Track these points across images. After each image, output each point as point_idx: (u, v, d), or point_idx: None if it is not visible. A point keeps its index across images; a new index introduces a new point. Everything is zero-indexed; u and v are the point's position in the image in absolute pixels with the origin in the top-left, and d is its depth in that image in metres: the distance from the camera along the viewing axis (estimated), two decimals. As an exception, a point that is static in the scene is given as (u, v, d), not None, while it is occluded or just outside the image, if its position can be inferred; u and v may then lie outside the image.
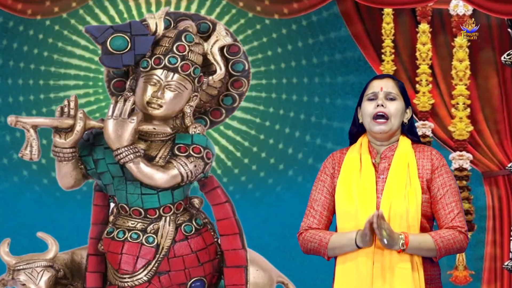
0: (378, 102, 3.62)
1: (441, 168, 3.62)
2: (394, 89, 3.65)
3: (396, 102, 3.64)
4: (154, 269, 3.77)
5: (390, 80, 3.68)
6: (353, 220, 3.56)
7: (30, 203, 6.95)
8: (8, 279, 4.00)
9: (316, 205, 3.66)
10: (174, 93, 3.75)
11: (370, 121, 3.62)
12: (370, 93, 3.65)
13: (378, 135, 3.63)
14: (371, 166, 3.62)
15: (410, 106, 3.71)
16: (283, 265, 4.64)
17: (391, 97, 3.64)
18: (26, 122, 3.65)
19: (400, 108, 3.64)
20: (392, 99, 3.64)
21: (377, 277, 3.50)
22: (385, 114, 3.60)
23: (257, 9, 6.68)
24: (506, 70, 6.78)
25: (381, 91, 3.64)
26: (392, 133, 3.65)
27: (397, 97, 3.64)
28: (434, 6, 6.77)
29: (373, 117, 3.61)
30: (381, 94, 3.63)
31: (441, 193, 3.59)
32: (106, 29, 3.77)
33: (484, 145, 6.85)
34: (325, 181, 3.69)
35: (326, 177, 3.69)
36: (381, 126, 3.61)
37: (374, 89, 3.65)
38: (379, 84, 3.66)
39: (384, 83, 3.67)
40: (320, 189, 3.68)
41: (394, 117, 3.62)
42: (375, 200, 3.56)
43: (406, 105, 3.68)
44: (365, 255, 3.52)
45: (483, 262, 6.83)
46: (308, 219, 3.65)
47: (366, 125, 3.66)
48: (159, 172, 3.67)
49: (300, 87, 7.05)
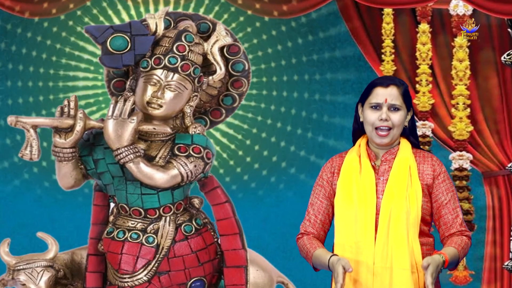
0: (382, 116, 3.58)
1: (443, 174, 3.63)
2: (398, 99, 3.60)
3: (399, 113, 3.61)
4: (154, 269, 3.77)
5: (395, 89, 3.61)
6: (353, 221, 3.56)
7: (30, 203, 6.95)
8: (8, 279, 4.00)
9: (311, 209, 3.70)
10: (174, 93, 3.75)
11: (372, 130, 3.61)
12: (374, 102, 3.60)
13: (379, 144, 3.64)
14: (370, 167, 3.62)
15: (412, 108, 3.69)
16: (283, 265, 4.64)
17: (395, 108, 3.61)
18: (26, 122, 3.65)
19: (403, 117, 3.62)
20: (395, 110, 3.61)
21: (377, 278, 3.51)
22: (388, 127, 3.60)
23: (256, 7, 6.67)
24: (506, 70, 6.78)
25: (385, 103, 3.59)
26: (393, 141, 3.65)
27: (401, 107, 3.61)
28: (434, 6, 6.77)
29: (376, 128, 3.61)
30: (385, 107, 3.59)
31: (446, 198, 3.61)
32: (106, 29, 3.76)
33: (484, 145, 6.85)
34: (322, 185, 3.70)
35: (323, 181, 3.70)
36: (383, 140, 3.60)
37: (378, 100, 3.60)
38: (384, 95, 3.60)
39: (388, 93, 3.60)
40: (316, 193, 3.71)
41: (397, 128, 3.61)
42: (375, 201, 3.56)
43: (408, 109, 3.66)
44: (365, 256, 3.52)
45: (483, 262, 6.84)
46: (305, 223, 3.71)
47: (368, 132, 3.65)
48: (159, 172, 3.67)
49: (300, 84, 7.05)
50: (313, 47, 7.04)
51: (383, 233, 3.52)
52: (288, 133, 7.07)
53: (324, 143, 6.99)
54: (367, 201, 3.56)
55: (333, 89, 7.04)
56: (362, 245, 3.53)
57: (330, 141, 6.97)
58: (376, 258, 3.51)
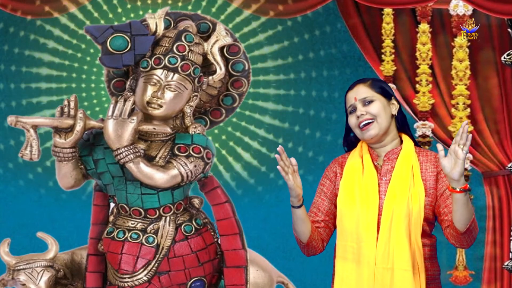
0: (357, 113, 3.65)
1: None
2: (367, 92, 3.67)
3: (374, 103, 3.66)
4: (154, 269, 3.77)
5: (361, 85, 3.70)
6: (355, 221, 3.56)
7: (30, 203, 6.95)
8: (8, 279, 4.00)
9: (313, 207, 3.75)
10: (174, 93, 3.75)
11: (359, 132, 3.67)
12: (349, 107, 3.70)
13: (371, 140, 3.65)
14: (373, 168, 3.63)
15: (394, 97, 3.71)
16: (283, 265, 4.65)
17: (368, 101, 3.66)
18: (26, 122, 3.65)
19: (381, 106, 3.66)
20: (369, 102, 3.66)
21: (378, 278, 3.50)
22: (368, 120, 3.63)
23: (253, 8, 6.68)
24: (506, 70, 6.78)
25: (356, 101, 3.66)
26: (385, 132, 3.66)
27: (374, 98, 3.66)
28: (434, 6, 6.78)
29: (359, 127, 3.64)
30: (358, 104, 3.66)
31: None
32: (106, 29, 3.76)
33: (484, 145, 6.86)
34: (324, 184, 3.75)
35: (326, 181, 3.75)
36: (370, 132, 3.64)
37: (350, 102, 3.70)
38: (352, 95, 3.69)
39: (355, 92, 3.69)
40: (318, 192, 3.76)
41: (379, 116, 3.64)
42: (377, 201, 3.57)
43: (388, 98, 3.69)
44: (367, 257, 3.52)
45: (483, 262, 6.84)
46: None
47: (359, 136, 3.71)
48: (159, 172, 3.67)
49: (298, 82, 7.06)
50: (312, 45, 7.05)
51: (385, 233, 3.52)
52: (286, 130, 7.08)
53: (322, 140, 6.99)
54: (370, 201, 3.56)
55: (331, 87, 7.05)
56: (364, 246, 3.53)
57: (328, 138, 6.97)
58: (378, 259, 3.52)
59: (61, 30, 7.03)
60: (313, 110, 7.07)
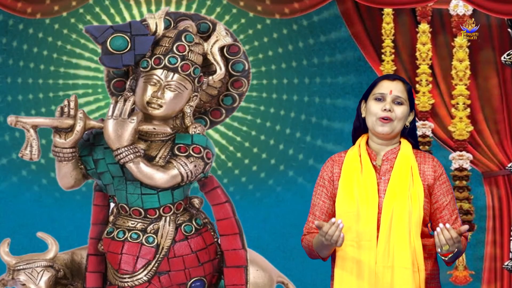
0: (386, 106, 3.61)
1: (443, 175, 3.66)
2: (403, 93, 3.64)
3: (403, 107, 3.63)
4: (154, 269, 3.77)
5: (400, 83, 3.66)
6: (354, 220, 3.56)
7: (29, 203, 6.95)
8: (8, 279, 4.00)
9: (314, 210, 3.70)
10: (174, 93, 3.75)
11: (375, 120, 3.62)
12: (378, 93, 3.64)
13: (380, 135, 3.63)
14: (371, 167, 3.63)
15: (414, 110, 3.70)
16: (283, 265, 4.65)
17: (399, 102, 3.63)
18: (26, 122, 3.65)
19: (406, 112, 3.64)
20: (399, 104, 3.63)
21: (378, 277, 3.51)
22: (389, 117, 3.60)
23: (258, 9, 6.68)
24: (506, 70, 6.78)
25: (390, 94, 3.62)
26: (394, 135, 3.65)
27: (404, 102, 3.64)
28: (434, 6, 6.78)
29: (378, 118, 3.62)
30: (389, 98, 3.62)
31: (446, 200, 3.63)
32: (106, 29, 3.76)
33: (484, 145, 6.86)
34: (324, 185, 3.70)
35: (324, 181, 3.70)
36: (385, 128, 3.61)
37: (383, 90, 3.64)
38: (389, 86, 3.64)
39: (394, 85, 3.64)
40: (318, 194, 3.71)
41: (398, 121, 3.62)
42: (377, 200, 3.56)
43: (411, 108, 3.67)
44: (367, 255, 3.52)
45: (483, 262, 6.84)
46: (308, 224, 3.71)
47: (370, 123, 3.66)
48: (159, 172, 3.67)
49: (301, 88, 7.05)
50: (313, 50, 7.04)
51: (385, 232, 3.52)
52: (287, 136, 7.07)
53: (322, 146, 6.99)
54: (369, 200, 3.56)
55: (333, 92, 7.04)
56: (364, 244, 3.53)
57: (329, 145, 6.97)
58: (378, 257, 3.51)
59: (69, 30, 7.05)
60: (315, 116, 7.07)
